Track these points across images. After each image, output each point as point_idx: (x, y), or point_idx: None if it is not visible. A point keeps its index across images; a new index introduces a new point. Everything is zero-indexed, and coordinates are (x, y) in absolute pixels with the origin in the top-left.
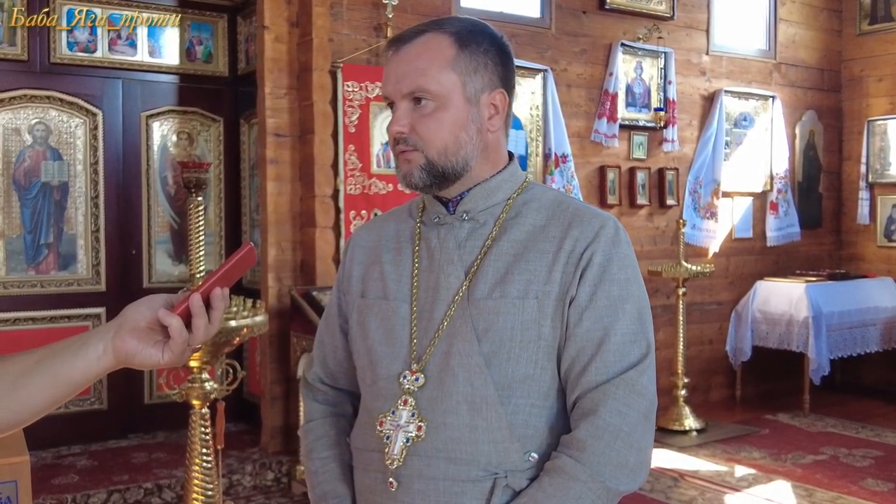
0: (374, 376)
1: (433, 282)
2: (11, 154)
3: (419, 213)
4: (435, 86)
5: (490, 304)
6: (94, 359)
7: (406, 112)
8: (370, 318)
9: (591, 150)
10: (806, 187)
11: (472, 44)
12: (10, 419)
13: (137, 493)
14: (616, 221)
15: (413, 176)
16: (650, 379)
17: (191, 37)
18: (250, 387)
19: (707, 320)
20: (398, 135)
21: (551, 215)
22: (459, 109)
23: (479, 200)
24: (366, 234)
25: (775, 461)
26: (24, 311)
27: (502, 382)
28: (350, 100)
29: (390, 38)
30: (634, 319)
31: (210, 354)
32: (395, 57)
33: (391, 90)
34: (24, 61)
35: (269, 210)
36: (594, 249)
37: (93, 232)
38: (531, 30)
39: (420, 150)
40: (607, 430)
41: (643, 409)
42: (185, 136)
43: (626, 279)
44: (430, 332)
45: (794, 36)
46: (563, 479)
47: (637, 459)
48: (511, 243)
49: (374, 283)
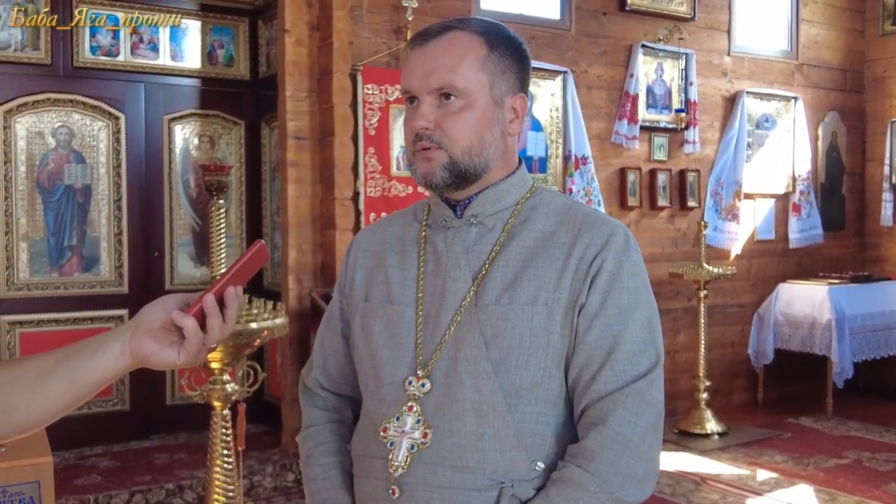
0: (377, 381)
1: (439, 286)
2: (35, 157)
3: (424, 216)
4: (464, 83)
5: (499, 310)
6: (112, 359)
7: (431, 108)
8: (374, 322)
9: (612, 151)
10: (829, 189)
11: (501, 46)
12: (30, 420)
13: (159, 494)
14: (626, 229)
15: (435, 175)
16: (659, 388)
17: (212, 40)
18: (271, 388)
19: (729, 323)
20: (422, 130)
21: (560, 221)
22: (486, 110)
23: (488, 204)
24: (369, 237)
25: (798, 465)
26: (48, 312)
27: (510, 390)
28: (370, 102)
29: (415, 33)
30: (644, 328)
31: (231, 356)
32: (421, 51)
33: (416, 84)
34: (48, 65)
35: (290, 212)
36: (604, 257)
37: (115, 234)
38: (551, 31)
39: (444, 148)
40: (616, 439)
41: (652, 419)
42: (206, 139)
43: (636, 287)
44: (436, 338)
45: (816, 37)
46: (572, 489)
47: (646, 470)
48: (520, 249)
49: (378, 286)
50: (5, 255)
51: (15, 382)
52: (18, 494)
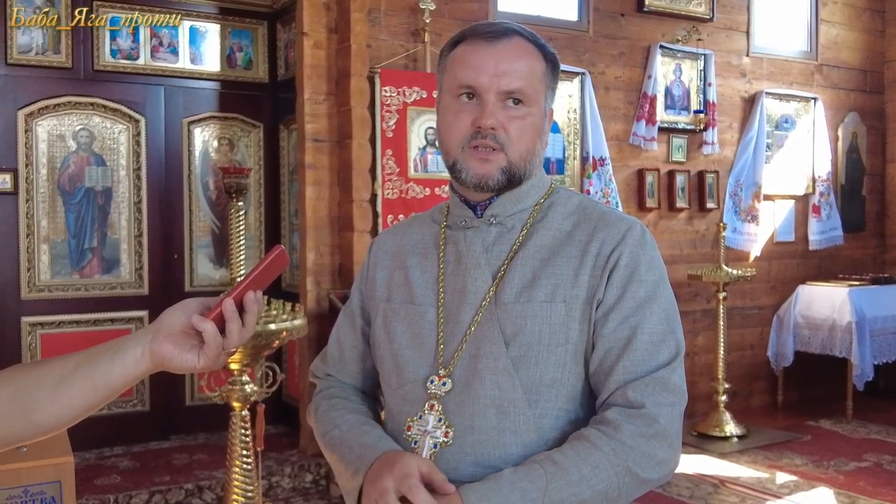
0: (399, 380)
1: (460, 285)
2: (56, 160)
3: (444, 218)
4: (532, 92)
5: (517, 308)
6: (132, 363)
7: (497, 108)
8: (396, 322)
9: (630, 153)
10: (849, 190)
11: (551, 62)
12: (51, 422)
13: (178, 494)
14: (642, 225)
15: (492, 177)
16: (681, 377)
17: (231, 43)
18: (289, 389)
19: (748, 325)
20: (489, 129)
21: (578, 220)
22: (539, 119)
23: (508, 205)
24: (389, 238)
25: (817, 468)
26: (69, 313)
27: (530, 386)
28: (388, 105)
29: (473, 26)
30: (662, 319)
31: (250, 357)
32: (490, 49)
33: (486, 82)
34: (69, 68)
35: (308, 214)
36: (621, 251)
37: (136, 236)
38: (569, 33)
39: (504, 152)
40: (640, 416)
41: (675, 406)
42: (225, 141)
43: (654, 281)
44: (457, 337)
45: (835, 37)
46: (586, 446)
47: (666, 454)
48: (538, 248)
49: (400, 287)
50: (27, 256)
51: (36, 385)
52: (40, 494)
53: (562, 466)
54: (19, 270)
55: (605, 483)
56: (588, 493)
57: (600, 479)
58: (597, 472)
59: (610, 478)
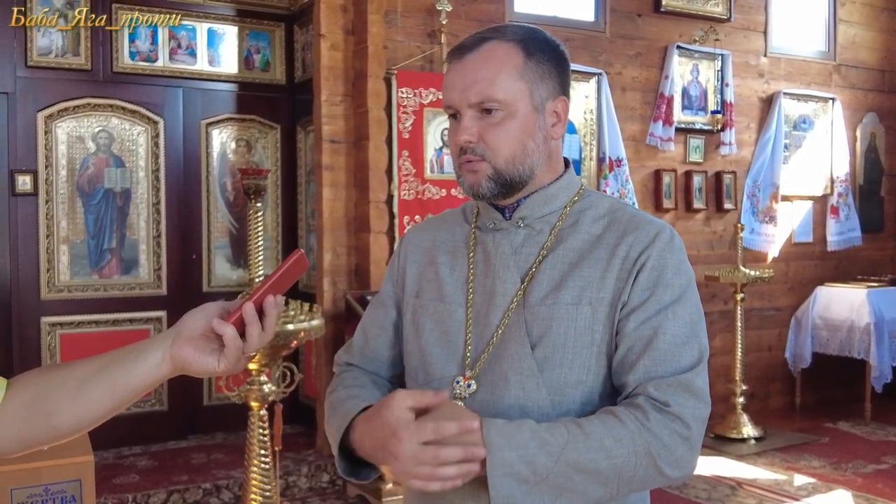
0: (426, 377)
1: (489, 287)
2: (76, 161)
3: (474, 218)
4: (503, 94)
5: (544, 310)
6: (153, 366)
7: (473, 121)
8: (425, 318)
9: (647, 153)
10: (867, 191)
11: (538, 52)
12: (72, 424)
13: (196, 494)
14: (671, 229)
15: (481, 186)
16: (705, 382)
17: (249, 46)
18: (306, 389)
19: (766, 326)
20: (466, 144)
21: (608, 224)
22: (527, 118)
23: (536, 208)
24: (420, 234)
25: (835, 470)
26: (88, 314)
27: (554, 388)
28: (404, 106)
29: (452, 47)
30: (686, 323)
31: (268, 358)
32: (459, 65)
33: (456, 99)
34: (88, 71)
35: (325, 215)
36: (649, 254)
37: (154, 237)
38: (585, 34)
39: (487, 160)
40: (666, 412)
41: (699, 410)
42: (243, 143)
43: (681, 285)
44: (484, 338)
45: (854, 37)
46: (613, 419)
47: (685, 455)
48: (567, 252)
49: (430, 284)
50: (46, 257)
51: (58, 387)
52: (60, 493)
53: (585, 430)
54: (39, 271)
55: (623, 459)
56: (605, 463)
57: (619, 453)
58: (617, 446)
59: (629, 455)
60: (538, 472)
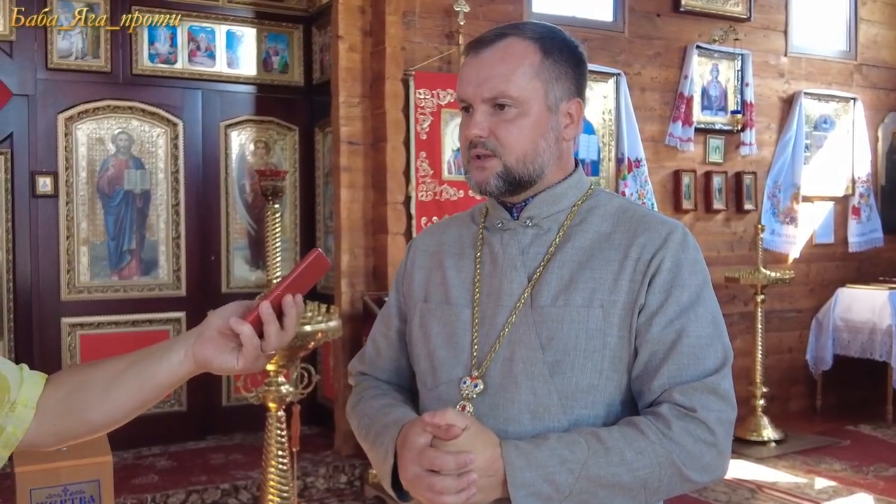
0: (435, 380)
1: (495, 287)
2: (96, 163)
3: (482, 219)
4: (518, 92)
5: (554, 312)
6: (176, 363)
7: (485, 116)
8: (432, 322)
9: (666, 154)
10: (889, 191)
11: (556, 51)
12: (102, 421)
13: (215, 494)
14: (684, 227)
15: (489, 184)
16: (731, 385)
17: (267, 47)
18: (324, 390)
19: (787, 328)
20: (476, 138)
21: (617, 222)
22: (540, 117)
23: (544, 207)
24: (427, 238)
25: (857, 473)
26: (108, 314)
27: (566, 392)
28: (422, 107)
29: (470, 41)
30: (708, 323)
31: (286, 359)
32: (476, 60)
33: (471, 93)
34: (108, 73)
35: (343, 217)
36: (663, 255)
37: (173, 238)
38: (604, 34)
39: (498, 156)
40: (691, 419)
41: (726, 413)
42: (261, 144)
43: (697, 284)
44: (490, 338)
45: (875, 36)
46: (633, 431)
47: (713, 461)
48: (575, 250)
49: (437, 287)
50: (66, 258)
51: (90, 385)
52: (79, 493)
53: (605, 444)
54: (59, 272)
55: (646, 471)
56: (627, 476)
57: (642, 465)
58: (640, 459)
59: (652, 467)
60: (561, 490)
